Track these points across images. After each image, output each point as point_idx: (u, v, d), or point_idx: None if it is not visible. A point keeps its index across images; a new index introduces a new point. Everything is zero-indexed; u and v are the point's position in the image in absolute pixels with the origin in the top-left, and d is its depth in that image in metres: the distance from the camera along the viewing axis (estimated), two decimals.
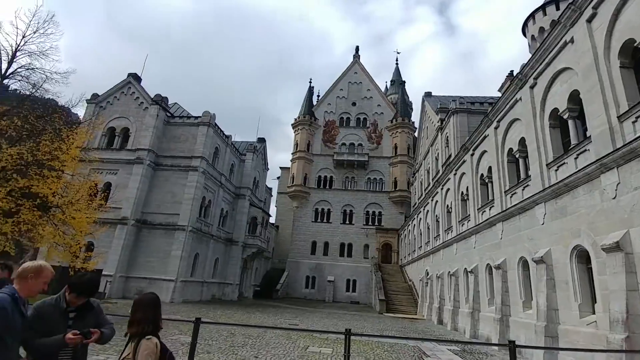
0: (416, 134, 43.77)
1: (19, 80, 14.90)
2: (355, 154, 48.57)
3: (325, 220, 46.53)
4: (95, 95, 29.70)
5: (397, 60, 77.77)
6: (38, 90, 15.17)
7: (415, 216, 33.87)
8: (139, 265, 25.74)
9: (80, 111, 28.31)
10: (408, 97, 64.75)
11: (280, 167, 60.98)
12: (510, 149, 14.48)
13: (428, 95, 35.89)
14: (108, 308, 16.20)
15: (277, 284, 42.71)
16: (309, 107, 51.16)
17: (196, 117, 30.73)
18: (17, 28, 14.23)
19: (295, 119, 50.58)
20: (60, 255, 14.91)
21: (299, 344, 11.30)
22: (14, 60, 14.41)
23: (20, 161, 12.78)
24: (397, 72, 68.58)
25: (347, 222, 46.36)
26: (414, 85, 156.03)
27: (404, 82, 59.36)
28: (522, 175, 13.51)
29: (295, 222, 46.68)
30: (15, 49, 14.33)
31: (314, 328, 16.14)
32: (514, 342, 5.47)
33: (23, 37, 14.43)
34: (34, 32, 14.64)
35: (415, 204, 37.07)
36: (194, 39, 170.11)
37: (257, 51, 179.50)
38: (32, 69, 14.80)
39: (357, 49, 56.31)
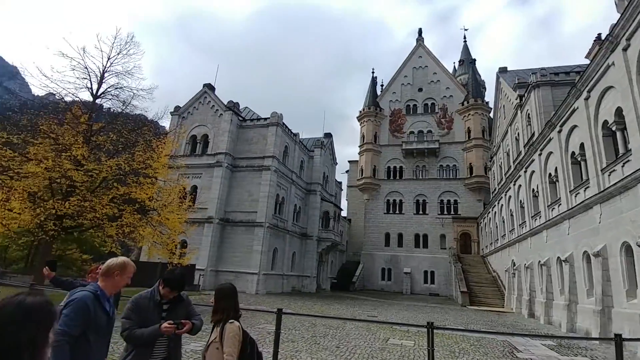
0: (491, 115, 40.77)
1: (110, 99, 16.20)
2: (424, 142, 46.76)
3: (397, 212, 45.69)
4: (177, 107, 32.84)
5: (464, 38, 72.23)
6: (128, 107, 16.50)
7: (496, 203, 31.70)
8: (226, 260, 27.94)
9: (165, 123, 31.44)
10: (480, 76, 60.44)
11: (349, 161, 61.18)
12: (605, 122, 12.89)
13: (503, 70, 33.12)
14: (203, 299, 17.83)
15: (353, 276, 43.13)
16: (373, 98, 50.38)
17: (265, 119, 32.17)
18: (101, 51, 15.38)
19: (360, 111, 50.17)
20: (159, 252, 16.71)
21: (379, 335, 11.38)
22: (103, 81, 15.66)
23: (119, 171, 14.28)
24: (466, 50, 64.35)
25: (421, 212, 44.98)
26: (485, 64, 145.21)
27: (474, 60, 55.23)
28: (621, 150, 11.97)
29: (367, 215, 46.56)
30: (103, 70, 15.53)
31: (393, 320, 16.05)
32: (620, 335, 4.97)
33: (108, 59, 15.57)
34: (118, 54, 15.67)
35: (494, 189, 34.64)
36: (258, 44, 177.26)
37: (319, 48, 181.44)
38: (121, 87, 15.97)
39: (420, 31, 53.90)
